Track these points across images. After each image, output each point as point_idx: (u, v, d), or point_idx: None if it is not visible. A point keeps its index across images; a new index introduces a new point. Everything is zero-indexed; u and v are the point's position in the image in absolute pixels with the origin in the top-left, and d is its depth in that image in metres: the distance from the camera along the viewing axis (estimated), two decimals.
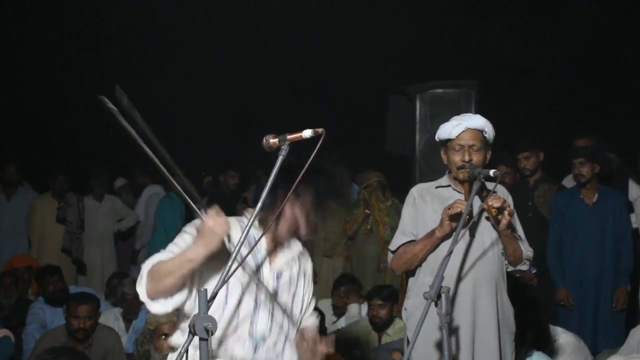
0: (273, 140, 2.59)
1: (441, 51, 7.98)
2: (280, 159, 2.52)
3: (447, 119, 3.51)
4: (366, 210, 6.54)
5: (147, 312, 4.72)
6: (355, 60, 8.58)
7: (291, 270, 2.76)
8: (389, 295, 5.02)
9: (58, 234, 7.31)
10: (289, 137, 2.55)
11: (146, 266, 2.54)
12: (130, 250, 8.06)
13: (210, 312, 2.48)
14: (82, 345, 4.62)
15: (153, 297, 2.52)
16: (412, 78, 6.74)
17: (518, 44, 7.97)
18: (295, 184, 2.49)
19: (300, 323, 2.81)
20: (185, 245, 2.57)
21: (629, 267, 5.34)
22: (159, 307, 2.54)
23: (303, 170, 2.43)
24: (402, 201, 5.80)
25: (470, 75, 6.49)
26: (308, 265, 2.88)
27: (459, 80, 6.37)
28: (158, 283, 2.50)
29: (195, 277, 2.58)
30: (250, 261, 2.65)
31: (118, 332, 5.13)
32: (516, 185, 5.72)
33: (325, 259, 6.81)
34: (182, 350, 2.31)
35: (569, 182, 5.98)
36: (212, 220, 2.44)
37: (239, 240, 2.39)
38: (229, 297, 2.62)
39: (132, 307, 5.42)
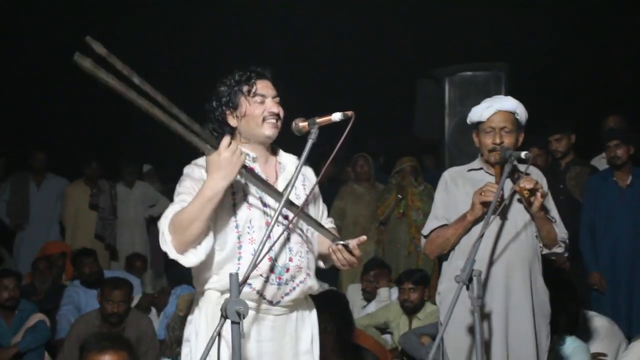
0: (303, 124, 2.59)
1: (470, 33, 7.89)
2: (309, 142, 2.52)
3: (476, 102, 3.47)
4: (399, 195, 6.51)
5: (177, 297, 4.79)
6: (383, 44, 8.52)
7: (296, 188, 2.70)
8: (420, 279, 5.00)
9: (91, 221, 7.37)
10: (318, 120, 2.55)
11: (164, 223, 2.48)
12: None
13: (226, 257, 2.56)
14: (115, 329, 4.68)
15: (182, 250, 2.47)
16: (440, 61, 6.66)
17: (549, 26, 7.86)
18: (326, 167, 2.49)
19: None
20: (191, 190, 2.53)
21: None
22: (192, 258, 2.49)
23: (334, 153, 2.43)
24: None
25: (501, 57, 6.41)
26: (308, 173, 2.85)
27: (489, 62, 6.31)
28: (184, 234, 2.44)
29: (211, 219, 2.53)
30: (254, 195, 2.62)
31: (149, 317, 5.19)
32: (548, 168, 5.65)
33: None
34: (215, 334, 2.32)
35: (597, 162, 5.91)
36: (228, 151, 2.42)
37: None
38: (242, 238, 2.59)
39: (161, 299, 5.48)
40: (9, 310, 5.07)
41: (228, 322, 2.28)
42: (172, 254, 2.48)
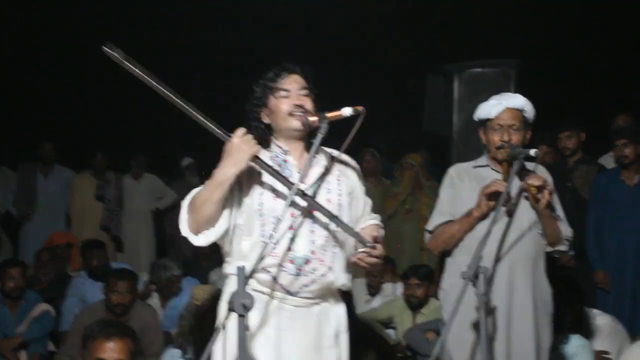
0: (312, 119, 2.61)
1: (481, 30, 7.87)
2: (319, 137, 2.53)
3: (485, 99, 3.48)
4: (414, 190, 6.52)
5: (193, 287, 4.79)
6: (393, 39, 8.50)
7: (328, 182, 2.72)
8: (426, 275, 5.01)
9: (97, 212, 7.42)
10: (328, 115, 2.56)
11: (185, 201, 2.61)
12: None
13: (253, 244, 2.59)
14: (120, 320, 4.69)
15: (195, 230, 2.58)
16: (450, 57, 6.65)
17: (559, 23, 7.83)
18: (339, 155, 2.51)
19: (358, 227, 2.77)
20: None
21: None
22: (203, 238, 2.59)
23: (343, 147, 2.43)
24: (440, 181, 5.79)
25: (510, 54, 6.39)
26: (347, 168, 2.83)
27: (498, 59, 6.29)
28: (196, 214, 2.55)
29: (234, 204, 2.61)
30: (280, 186, 2.63)
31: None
32: (555, 165, 5.63)
33: None
34: (220, 327, 2.33)
35: (605, 161, 5.89)
36: (239, 138, 2.49)
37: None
38: (265, 228, 2.61)
39: (174, 287, 5.47)
40: (14, 299, 5.08)
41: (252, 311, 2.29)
42: (185, 232, 2.60)
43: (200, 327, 3.98)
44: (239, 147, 2.48)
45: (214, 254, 6.50)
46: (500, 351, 3.18)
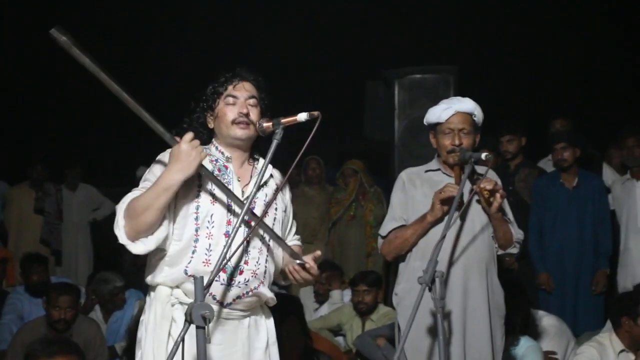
0: (267, 124, 2.56)
1: (420, 36, 7.96)
2: (274, 143, 2.49)
3: (425, 105, 3.50)
4: (358, 196, 6.53)
5: (137, 299, 4.66)
6: (332, 46, 8.52)
7: (266, 195, 2.68)
8: (374, 281, 5.00)
9: (36, 225, 7.19)
10: (283, 120, 2.52)
11: (121, 207, 2.46)
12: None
13: (182, 249, 2.51)
14: (63, 336, 4.53)
15: (133, 237, 2.43)
16: (390, 63, 6.68)
17: (496, 28, 7.99)
18: (294, 165, 2.47)
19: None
20: (155, 178, 2.49)
21: (608, 251, 5.40)
22: (141, 246, 2.45)
23: (301, 153, 2.39)
24: (384, 188, 5.81)
25: (449, 60, 6.47)
26: (278, 180, 2.80)
27: (438, 65, 6.36)
28: (136, 221, 2.41)
29: (171, 209, 2.51)
30: (219, 192, 2.57)
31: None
32: (497, 169, 5.71)
33: (306, 245, 6.77)
34: (179, 340, 2.26)
35: (544, 165, 6.02)
36: (188, 144, 2.40)
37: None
38: (200, 232, 2.54)
39: (118, 299, 5.32)
40: None
41: (179, 325, 2.22)
42: (122, 239, 2.45)
43: None
44: (188, 154, 2.39)
45: None
46: (456, 354, 3.19)
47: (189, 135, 2.43)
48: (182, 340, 2.24)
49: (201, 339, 2.24)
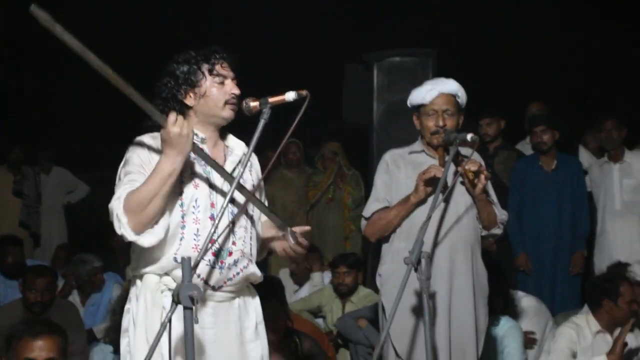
0: (254, 104, 2.52)
1: (398, 19, 7.94)
2: (262, 122, 2.46)
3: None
4: (336, 179, 6.53)
5: (115, 282, 4.62)
6: (311, 28, 8.47)
7: (242, 172, 2.61)
8: (354, 263, 5.01)
9: (15, 208, 7.12)
10: (270, 100, 2.49)
11: (117, 205, 2.38)
12: None
13: (169, 237, 2.47)
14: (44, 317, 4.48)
15: (140, 230, 2.38)
16: (368, 46, 6.65)
17: (476, 12, 8.00)
18: (281, 146, 2.45)
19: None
20: (141, 168, 2.45)
21: (585, 233, 5.47)
22: (151, 238, 2.40)
23: (289, 133, 2.37)
24: (362, 172, 5.79)
25: (427, 43, 6.46)
26: (255, 161, 2.80)
27: (416, 48, 6.35)
28: (142, 213, 2.36)
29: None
30: (201, 174, 2.55)
31: None
32: (476, 152, 5.74)
33: None
34: (166, 320, 2.24)
35: (521, 147, 6.06)
36: (178, 127, 2.35)
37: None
38: (186, 218, 2.50)
39: (97, 280, 5.26)
40: None
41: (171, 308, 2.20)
42: (130, 236, 2.38)
43: None
44: (179, 135, 2.35)
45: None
46: (441, 335, 3.20)
47: (173, 117, 2.38)
48: (169, 321, 2.23)
49: (189, 320, 2.21)
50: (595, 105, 6.88)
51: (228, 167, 2.60)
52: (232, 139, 2.71)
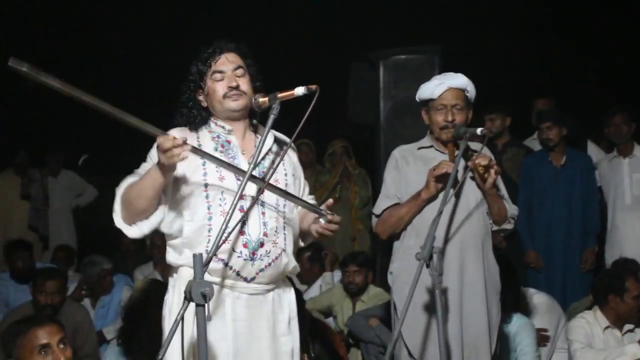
0: (262, 99, 2.55)
1: (406, 16, 7.92)
2: (271, 118, 2.46)
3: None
4: (343, 178, 6.50)
5: (125, 285, 4.61)
6: (317, 27, 8.46)
7: (272, 161, 2.70)
8: (364, 262, 4.98)
9: (24, 211, 7.16)
10: (279, 95, 2.49)
11: (119, 192, 2.54)
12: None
13: (196, 229, 2.53)
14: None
15: (129, 221, 2.53)
16: (374, 44, 6.64)
17: (481, 8, 7.96)
18: (293, 137, 2.45)
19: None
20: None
21: (596, 229, 5.43)
22: (136, 230, 2.54)
23: (299, 128, 2.36)
24: (369, 170, 5.75)
25: (433, 40, 6.43)
26: (291, 152, 2.84)
27: (422, 45, 6.32)
28: (129, 207, 2.50)
29: (168, 194, 2.56)
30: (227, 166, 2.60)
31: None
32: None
33: None
34: (178, 318, 2.22)
35: (529, 144, 6.03)
36: (162, 154, 2.37)
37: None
38: (212, 209, 2.55)
39: (106, 282, 5.25)
40: None
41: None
42: (118, 223, 2.54)
43: (148, 321, 3.83)
44: (164, 159, 2.39)
45: (140, 251, 6.32)
46: (453, 331, 3.18)
47: (159, 141, 2.39)
48: (182, 319, 2.22)
49: (201, 317, 2.20)
50: (605, 102, 6.83)
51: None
52: (261, 129, 2.71)
